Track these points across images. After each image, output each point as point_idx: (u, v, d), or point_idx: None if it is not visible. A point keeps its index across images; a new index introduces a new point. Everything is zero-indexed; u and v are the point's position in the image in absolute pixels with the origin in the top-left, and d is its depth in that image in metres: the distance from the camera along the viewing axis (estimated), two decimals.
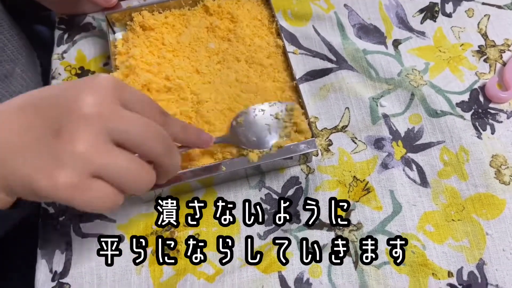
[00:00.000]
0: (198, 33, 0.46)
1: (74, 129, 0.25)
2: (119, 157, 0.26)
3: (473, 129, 0.43)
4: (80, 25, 0.51)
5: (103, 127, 0.26)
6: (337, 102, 0.45)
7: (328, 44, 0.48)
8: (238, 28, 0.45)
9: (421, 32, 0.49)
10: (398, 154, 0.42)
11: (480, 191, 0.40)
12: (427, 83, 0.45)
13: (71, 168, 0.25)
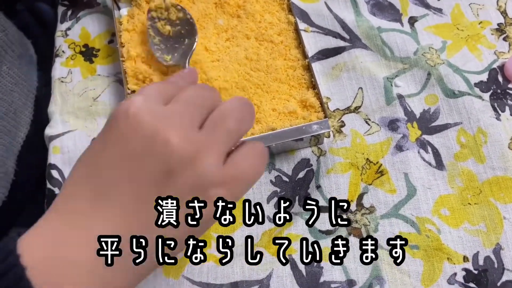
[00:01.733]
0: (206, 9, 0.44)
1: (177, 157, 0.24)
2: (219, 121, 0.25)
3: (491, 110, 0.41)
4: (84, 1, 0.49)
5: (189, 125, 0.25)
6: (350, 82, 0.44)
7: (341, 21, 0.46)
8: (248, 3, 0.44)
9: (438, 9, 0.47)
10: (413, 136, 0.41)
11: (498, 174, 0.39)
12: (444, 62, 0.43)
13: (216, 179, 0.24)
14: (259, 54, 0.42)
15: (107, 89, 0.45)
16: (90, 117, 0.44)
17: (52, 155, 0.42)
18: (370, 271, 0.36)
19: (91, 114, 0.44)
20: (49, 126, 0.43)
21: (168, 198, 0.23)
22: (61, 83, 0.45)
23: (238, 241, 0.38)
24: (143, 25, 0.44)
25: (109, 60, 0.47)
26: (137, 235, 0.24)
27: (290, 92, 0.40)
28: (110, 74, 0.46)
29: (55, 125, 0.43)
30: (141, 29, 0.44)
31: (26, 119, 0.47)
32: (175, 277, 0.36)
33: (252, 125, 0.27)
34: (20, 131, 0.46)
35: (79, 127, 0.43)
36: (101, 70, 0.46)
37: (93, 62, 0.47)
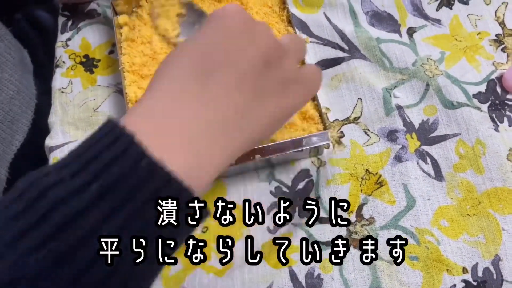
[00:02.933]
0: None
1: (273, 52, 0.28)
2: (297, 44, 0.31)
3: (490, 121, 0.41)
4: (84, 12, 0.50)
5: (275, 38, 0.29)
6: (349, 93, 0.44)
7: (340, 32, 0.46)
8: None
9: (436, 20, 0.47)
10: (412, 147, 0.41)
11: (496, 185, 0.39)
12: (443, 73, 0.43)
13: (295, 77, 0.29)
14: None
15: (107, 100, 0.45)
16: (90, 127, 0.44)
17: None
18: (370, 283, 0.36)
19: (91, 124, 0.44)
20: (49, 137, 0.43)
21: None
22: (61, 94, 0.46)
23: (238, 252, 0.38)
24: (144, 37, 0.44)
25: (110, 71, 0.47)
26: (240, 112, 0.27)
27: None
28: (110, 84, 0.46)
29: (56, 136, 0.43)
30: (141, 41, 0.44)
31: (23, 127, 0.47)
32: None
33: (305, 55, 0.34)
34: (15, 139, 0.46)
35: (79, 138, 0.43)
36: (102, 80, 0.46)
37: (94, 72, 0.47)
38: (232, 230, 0.38)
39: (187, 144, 0.24)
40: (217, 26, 0.28)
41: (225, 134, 0.26)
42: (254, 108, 0.27)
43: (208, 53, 0.27)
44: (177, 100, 0.25)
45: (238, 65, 0.27)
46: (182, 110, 0.25)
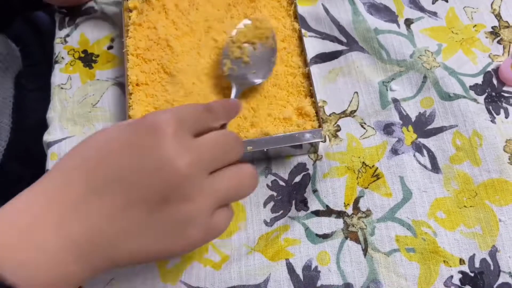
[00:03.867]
0: (214, 14, 0.45)
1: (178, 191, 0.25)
2: (225, 180, 0.28)
3: (486, 113, 0.41)
4: (81, 9, 0.50)
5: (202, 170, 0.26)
6: (346, 86, 0.44)
7: (338, 24, 0.46)
8: (257, 10, 0.45)
9: (433, 13, 0.47)
10: (409, 140, 0.41)
11: (493, 176, 0.39)
12: (440, 65, 0.43)
13: (197, 222, 0.26)
14: None
15: (106, 93, 0.45)
16: (89, 123, 0.44)
17: (50, 161, 0.42)
18: (367, 275, 0.36)
19: (89, 120, 0.44)
20: (48, 132, 0.44)
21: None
22: (60, 90, 0.46)
23: (235, 245, 0.38)
24: (150, 22, 0.44)
25: (108, 66, 0.47)
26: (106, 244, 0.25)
27: (287, 98, 0.40)
28: (109, 78, 0.46)
29: (54, 132, 0.44)
30: (148, 25, 0.44)
31: (4, 126, 0.47)
32: (173, 282, 0.37)
33: (251, 192, 0.30)
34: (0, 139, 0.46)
35: (77, 133, 0.44)
36: (100, 75, 0.47)
37: (93, 67, 0.47)
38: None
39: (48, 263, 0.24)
40: (133, 139, 0.26)
41: (92, 255, 0.25)
42: (131, 241, 0.25)
43: (105, 167, 0.25)
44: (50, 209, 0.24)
45: (129, 192, 0.25)
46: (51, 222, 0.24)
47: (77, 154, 0.27)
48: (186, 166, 0.25)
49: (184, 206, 0.25)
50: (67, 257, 0.24)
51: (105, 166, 0.25)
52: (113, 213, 0.25)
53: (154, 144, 0.25)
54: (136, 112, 0.39)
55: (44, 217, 0.24)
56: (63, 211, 0.24)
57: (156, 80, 0.42)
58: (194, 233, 0.26)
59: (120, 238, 0.25)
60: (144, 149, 0.25)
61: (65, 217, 0.24)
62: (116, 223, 0.25)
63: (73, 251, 0.24)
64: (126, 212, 0.25)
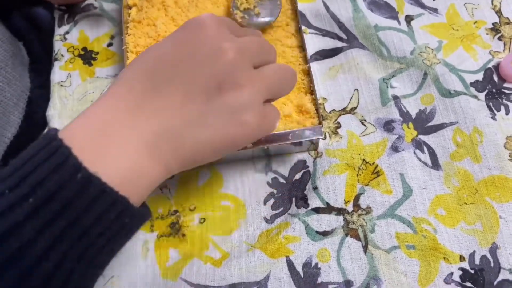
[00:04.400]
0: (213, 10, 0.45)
1: (230, 78, 0.27)
2: (270, 72, 0.30)
3: (487, 109, 0.41)
4: (81, 6, 0.50)
5: (248, 60, 0.28)
6: (346, 83, 0.44)
7: (338, 21, 0.46)
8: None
9: (433, 9, 0.47)
10: (409, 137, 0.41)
11: (493, 173, 0.39)
12: (441, 61, 0.43)
13: (251, 108, 0.28)
14: None
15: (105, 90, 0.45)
16: None
17: None
18: (367, 271, 0.36)
19: None
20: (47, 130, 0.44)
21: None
22: (60, 87, 0.46)
23: (235, 242, 0.38)
24: (150, 19, 0.44)
25: (108, 63, 0.47)
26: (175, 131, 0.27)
27: (287, 95, 0.40)
28: (109, 76, 0.46)
29: None
30: (147, 22, 0.44)
31: (15, 119, 0.47)
32: (173, 279, 0.37)
33: (292, 88, 0.32)
34: (7, 131, 0.46)
35: None
36: (100, 72, 0.47)
37: (92, 65, 0.47)
38: (229, 221, 0.39)
39: (122, 156, 0.25)
40: (183, 37, 0.28)
41: (159, 148, 0.26)
42: (195, 131, 0.27)
43: (161, 65, 0.27)
44: (119, 112, 0.26)
45: (187, 84, 0.27)
46: (121, 123, 0.26)
47: (135, 65, 0.28)
48: (234, 53, 0.27)
49: (237, 92, 0.27)
50: (141, 151, 0.25)
51: (162, 65, 0.27)
52: (175, 107, 0.26)
53: (203, 36, 0.27)
54: None
55: (114, 120, 0.26)
56: (130, 112, 0.26)
57: None
58: (250, 119, 0.28)
59: (184, 129, 0.26)
60: (195, 42, 0.27)
61: (133, 116, 0.26)
62: (179, 115, 0.26)
63: (145, 146, 0.26)
64: (186, 104, 0.26)
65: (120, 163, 0.24)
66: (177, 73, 0.27)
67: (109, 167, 0.24)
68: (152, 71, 0.27)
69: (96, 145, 0.24)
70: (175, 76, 0.27)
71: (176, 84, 0.26)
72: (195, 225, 0.39)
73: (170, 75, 0.27)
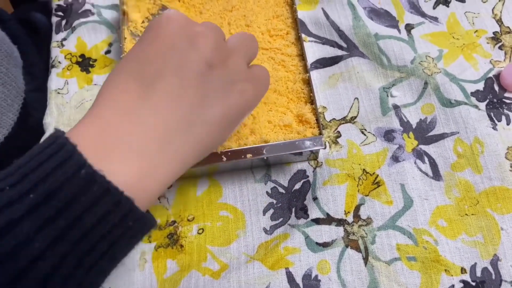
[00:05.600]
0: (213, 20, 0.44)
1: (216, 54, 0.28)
2: (239, 40, 0.31)
3: (488, 119, 0.41)
4: (78, 12, 0.49)
5: (220, 35, 0.30)
6: (346, 92, 0.43)
7: (338, 29, 0.46)
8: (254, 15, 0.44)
9: (434, 18, 0.47)
10: (410, 147, 0.40)
11: (495, 184, 0.38)
12: (441, 71, 0.43)
13: (242, 74, 0.30)
14: (262, 63, 0.42)
15: None
16: None
17: None
18: (367, 284, 0.36)
19: None
20: (44, 138, 0.43)
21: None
22: (57, 95, 0.45)
23: (234, 253, 0.37)
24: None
25: (106, 70, 0.47)
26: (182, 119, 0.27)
27: (287, 105, 0.40)
28: None
29: None
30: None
31: (8, 120, 0.47)
32: None
33: (257, 53, 0.33)
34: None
35: None
36: (98, 79, 0.46)
37: (90, 72, 0.47)
38: (228, 231, 0.38)
39: (130, 155, 0.24)
40: (155, 34, 0.28)
41: (171, 142, 0.26)
42: (201, 113, 0.27)
43: (148, 62, 0.27)
44: (121, 110, 0.26)
45: (178, 72, 0.27)
46: (125, 121, 0.25)
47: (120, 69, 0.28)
48: (209, 32, 0.29)
49: (226, 64, 0.29)
50: (152, 149, 0.25)
51: (147, 63, 0.27)
52: (174, 98, 0.26)
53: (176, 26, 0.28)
54: None
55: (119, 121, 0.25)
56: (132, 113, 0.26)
57: None
58: (244, 87, 0.29)
59: (190, 116, 0.27)
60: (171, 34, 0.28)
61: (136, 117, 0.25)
62: (181, 104, 0.27)
63: (156, 142, 0.25)
64: (185, 91, 0.27)
65: (127, 163, 0.24)
66: (164, 65, 0.27)
67: (115, 166, 0.23)
68: (139, 71, 0.27)
69: (103, 144, 0.24)
70: (163, 69, 0.27)
71: (168, 76, 0.27)
72: (193, 236, 0.38)
73: (158, 69, 0.27)
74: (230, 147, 0.37)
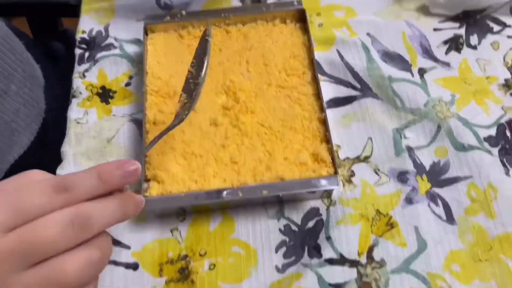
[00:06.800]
0: (232, 57, 0.46)
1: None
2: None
3: (501, 165, 0.41)
4: (101, 46, 0.51)
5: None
6: (360, 132, 0.44)
7: (352, 70, 0.47)
8: (272, 54, 0.46)
9: (446, 63, 0.48)
10: (423, 189, 0.41)
11: (508, 230, 0.38)
12: (454, 115, 0.44)
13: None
14: (279, 100, 0.43)
15: (122, 129, 0.46)
16: (102, 158, 0.44)
17: None
18: None
19: (103, 155, 0.44)
20: (61, 167, 0.44)
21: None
22: (76, 124, 0.46)
23: None
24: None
25: (125, 102, 0.48)
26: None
27: (303, 143, 0.40)
28: (125, 114, 0.47)
29: (67, 166, 0.44)
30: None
31: (24, 140, 0.47)
32: None
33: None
34: (13, 151, 0.46)
35: None
36: (117, 110, 0.47)
37: (109, 103, 0.48)
38: (240, 268, 0.38)
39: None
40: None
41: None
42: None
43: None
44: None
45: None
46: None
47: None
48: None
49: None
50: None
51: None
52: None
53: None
54: (152, 152, 0.40)
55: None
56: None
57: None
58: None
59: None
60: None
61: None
62: None
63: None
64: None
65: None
66: None
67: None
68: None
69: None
70: None
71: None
72: (204, 272, 0.38)
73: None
74: (246, 183, 0.38)
